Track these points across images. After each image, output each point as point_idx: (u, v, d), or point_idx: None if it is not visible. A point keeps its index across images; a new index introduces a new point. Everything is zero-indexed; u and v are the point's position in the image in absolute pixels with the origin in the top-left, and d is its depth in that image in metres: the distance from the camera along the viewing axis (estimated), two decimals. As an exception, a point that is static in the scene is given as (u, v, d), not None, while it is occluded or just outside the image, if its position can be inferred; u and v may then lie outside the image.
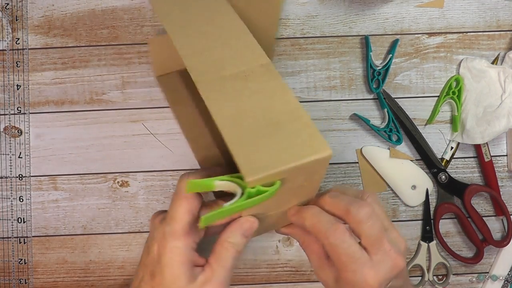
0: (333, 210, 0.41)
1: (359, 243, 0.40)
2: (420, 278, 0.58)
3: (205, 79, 0.39)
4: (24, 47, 0.56)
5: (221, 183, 0.36)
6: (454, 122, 0.56)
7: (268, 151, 0.35)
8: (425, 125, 0.57)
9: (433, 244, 0.56)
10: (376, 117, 0.57)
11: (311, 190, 0.42)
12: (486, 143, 0.56)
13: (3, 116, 0.56)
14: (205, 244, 0.42)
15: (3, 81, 0.56)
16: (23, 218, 0.56)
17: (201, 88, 0.38)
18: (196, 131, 0.49)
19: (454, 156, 0.57)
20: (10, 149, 0.56)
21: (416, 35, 0.57)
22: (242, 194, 0.36)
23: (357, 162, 0.57)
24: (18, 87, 0.56)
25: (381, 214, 0.41)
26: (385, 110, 0.55)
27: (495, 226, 0.57)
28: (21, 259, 0.56)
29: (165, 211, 0.47)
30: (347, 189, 0.43)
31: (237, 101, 0.38)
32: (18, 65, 0.56)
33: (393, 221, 0.57)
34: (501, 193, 0.57)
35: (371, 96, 0.57)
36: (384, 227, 0.40)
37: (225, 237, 0.40)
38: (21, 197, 0.56)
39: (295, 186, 0.39)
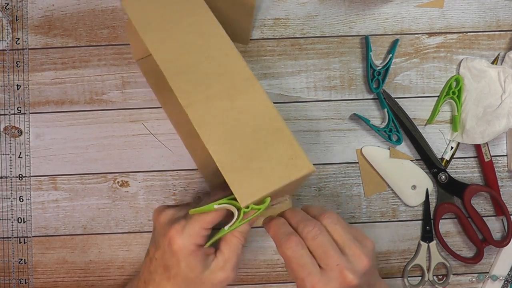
0: (291, 223, 0.44)
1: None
2: (420, 278, 0.58)
3: (192, 102, 0.41)
4: (24, 47, 0.56)
5: (220, 206, 0.41)
6: (454, 122, 0.56)
7: (258, 174, 0.40)
8: (425, 125, 0.57)
9: (433, 244, 0.56)
10: (376, 117, 0.57)
11: (290, 191, 0.49)
12: (486, 143, 0.56)
13: (3, 116, 0.56)
14: None
15: (3, 81, 0.56)
16: (23, 218, 0.56)
17: (190, 112, 0.41)
18: (186, 127, 0.50)
19: (454, 156, 0.57)
20: (10, 149, 0.56)
21: (416, 35, 0.57)
22: (238, 211, 0.41)
23: (357, 162, 0.57)
24: (18, 87, 0.56)
25: (338, 232, 0.43)
26: (385, 110, 0.55)
27: (495, 226, 0.57)
28: (21, 259, 0.56)
29: (168, 206, 0.49)
30: (313, 208, 0.46)
31: (225, 124, 0.41)
32: (18, 65, 0.56)
33: (393, 221, 0.57)
34: (501, 193, 0.57)
35: (371, 96, 0.57)
36: (340, 244, 0.42)
37: None
38: (21, 197, 0.56)
39: (279, 194, 0.45)
